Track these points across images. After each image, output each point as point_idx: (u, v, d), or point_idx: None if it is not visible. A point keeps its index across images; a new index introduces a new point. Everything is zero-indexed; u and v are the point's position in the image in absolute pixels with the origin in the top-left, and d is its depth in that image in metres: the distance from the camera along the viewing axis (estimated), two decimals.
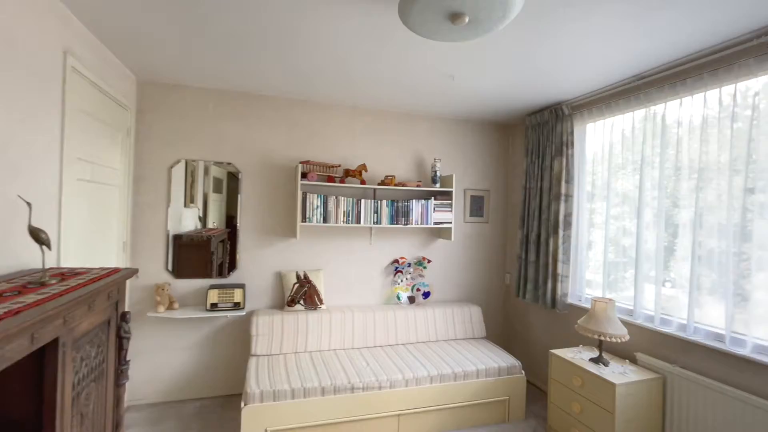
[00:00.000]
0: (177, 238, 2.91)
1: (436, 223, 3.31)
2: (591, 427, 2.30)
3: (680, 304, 2.27)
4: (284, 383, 2.38)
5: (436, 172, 3.34)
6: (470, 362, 2.80)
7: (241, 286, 2.93)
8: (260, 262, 3.11)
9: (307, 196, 2.95)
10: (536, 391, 3.33)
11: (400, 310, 3.24)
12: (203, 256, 2.96)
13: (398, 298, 3.37)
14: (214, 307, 2.79)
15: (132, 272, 1.67)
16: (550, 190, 3.09)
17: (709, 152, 2.13)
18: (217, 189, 3.03)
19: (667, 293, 2.36)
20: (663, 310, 2.36)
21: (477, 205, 3.76)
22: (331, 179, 3.08)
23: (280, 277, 3.15)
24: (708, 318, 2.14)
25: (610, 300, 2.39)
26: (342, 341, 3.00)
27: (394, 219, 3.19)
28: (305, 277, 3.10)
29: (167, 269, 2.89)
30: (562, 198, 2.96)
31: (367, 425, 2.48)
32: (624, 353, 2.55)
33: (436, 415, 2.64)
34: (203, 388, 2.99)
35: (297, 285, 3.06)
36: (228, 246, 3.04)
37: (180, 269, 2.92)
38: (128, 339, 1.66)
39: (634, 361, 2.47)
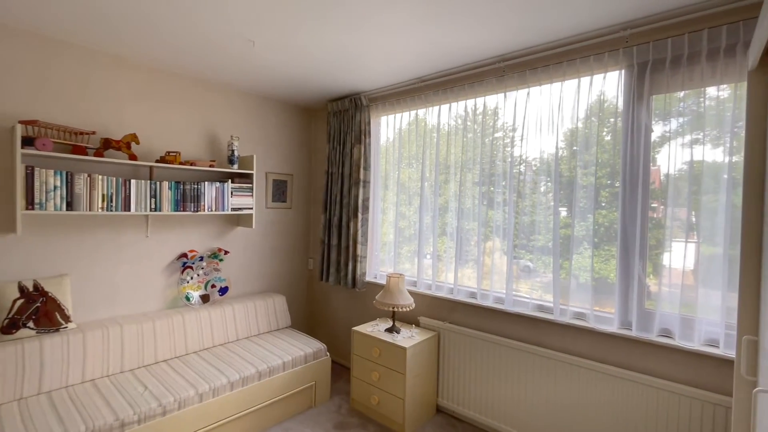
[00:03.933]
0: None
1: (234, 209, 2.94)
2: (387, 390, 2.56)
3: (448, 272, 2.78)
4: None
5: (233, 151, 2.95)
6: (276, 356, 2.65)
7: None
8: None
9: (37, 173, 2.05)
10: (341, 369, 3.49)
11: (191, 312, 2.74)
12: None
13: (188, 298, 2.84)
14: None
15: None
16: (351, 175, 3.24)
17: (456, 153, 2.72)
18: None
19: (439, 265, 2.86)
20: (437, 278, 2.84)
21: (280, 190, 3.57)
22: (79, 150, 2.24)
23: None
24: (467, 281, 2.72)
25: (401, 275, 2.70)
26: (105, 367, 2.28)
27: (180, 205, 2.63)
28: (36, 288, 2.17)
29: None
30: (361, 184, 3.14)
31: None
32: (411, 319, 2.96)
33: (236, 424, 2.37)
34: None
35: (21, 301, 2.11)
36: None
37: None
38: None
39: (418, 324, 2.90)
